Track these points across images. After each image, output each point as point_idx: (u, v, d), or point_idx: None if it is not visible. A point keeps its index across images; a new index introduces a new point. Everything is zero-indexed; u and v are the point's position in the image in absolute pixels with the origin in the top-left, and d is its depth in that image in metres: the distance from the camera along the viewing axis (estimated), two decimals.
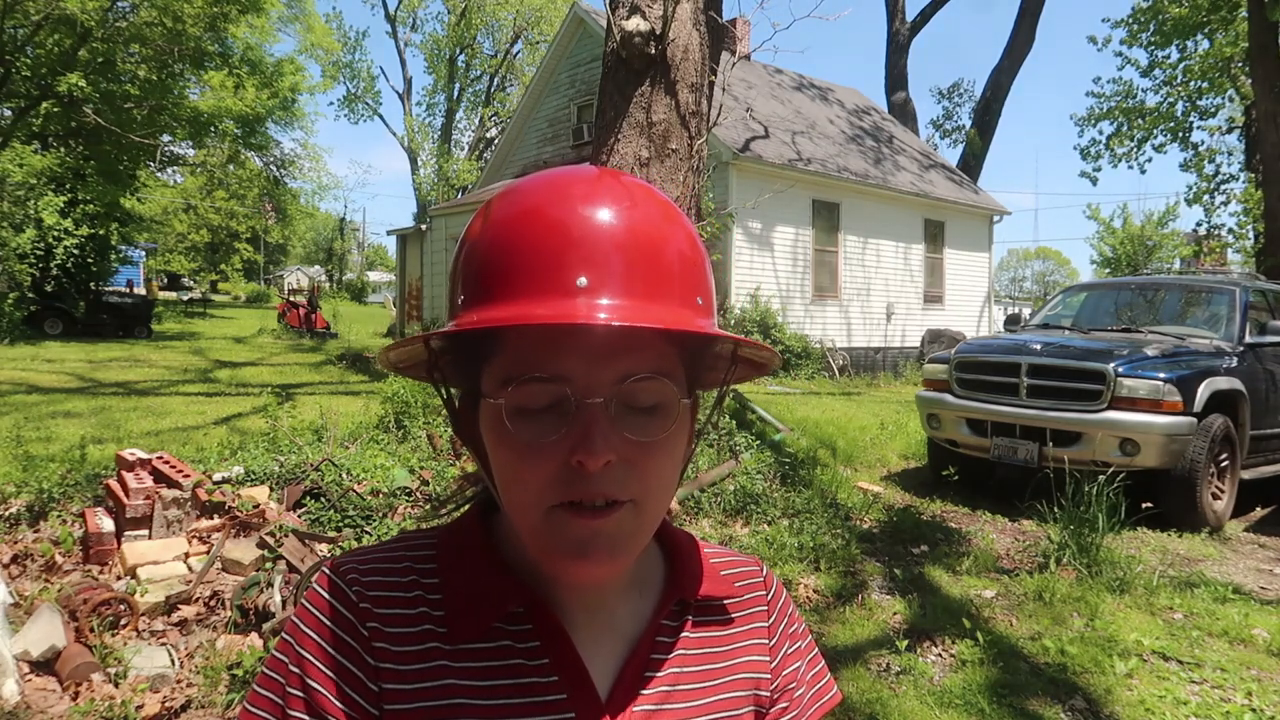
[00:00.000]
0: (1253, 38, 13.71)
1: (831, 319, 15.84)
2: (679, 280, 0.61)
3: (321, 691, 0.62)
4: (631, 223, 0.60)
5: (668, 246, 0.62)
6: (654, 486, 0.63)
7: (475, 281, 0.61)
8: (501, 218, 0.62)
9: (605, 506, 0.60)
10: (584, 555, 0.60)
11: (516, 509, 0.62)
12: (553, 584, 0.68)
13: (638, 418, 0.61)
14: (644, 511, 0.62)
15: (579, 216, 0.59)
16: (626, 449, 0.60)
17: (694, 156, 4.77)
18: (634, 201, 0.62)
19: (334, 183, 55.39)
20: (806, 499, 5.51)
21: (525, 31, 37.28)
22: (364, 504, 4.38)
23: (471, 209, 18.39)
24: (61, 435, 6.40)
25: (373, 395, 7.99)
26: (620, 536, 0.61)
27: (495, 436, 0.62)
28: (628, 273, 0.59)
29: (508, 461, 0.61)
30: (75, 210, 15.98)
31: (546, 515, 0.60)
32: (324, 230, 63.02)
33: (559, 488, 0.59)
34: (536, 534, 0.61)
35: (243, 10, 18.22)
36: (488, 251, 0.61)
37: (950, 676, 3.37)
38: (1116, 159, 23.48)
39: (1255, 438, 6.25)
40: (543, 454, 0.59)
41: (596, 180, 0.63)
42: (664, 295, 0.60)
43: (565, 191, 0.61)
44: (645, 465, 0.61)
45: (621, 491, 0.60)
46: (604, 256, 0.58)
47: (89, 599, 3.22)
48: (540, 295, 0.58)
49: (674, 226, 0.63)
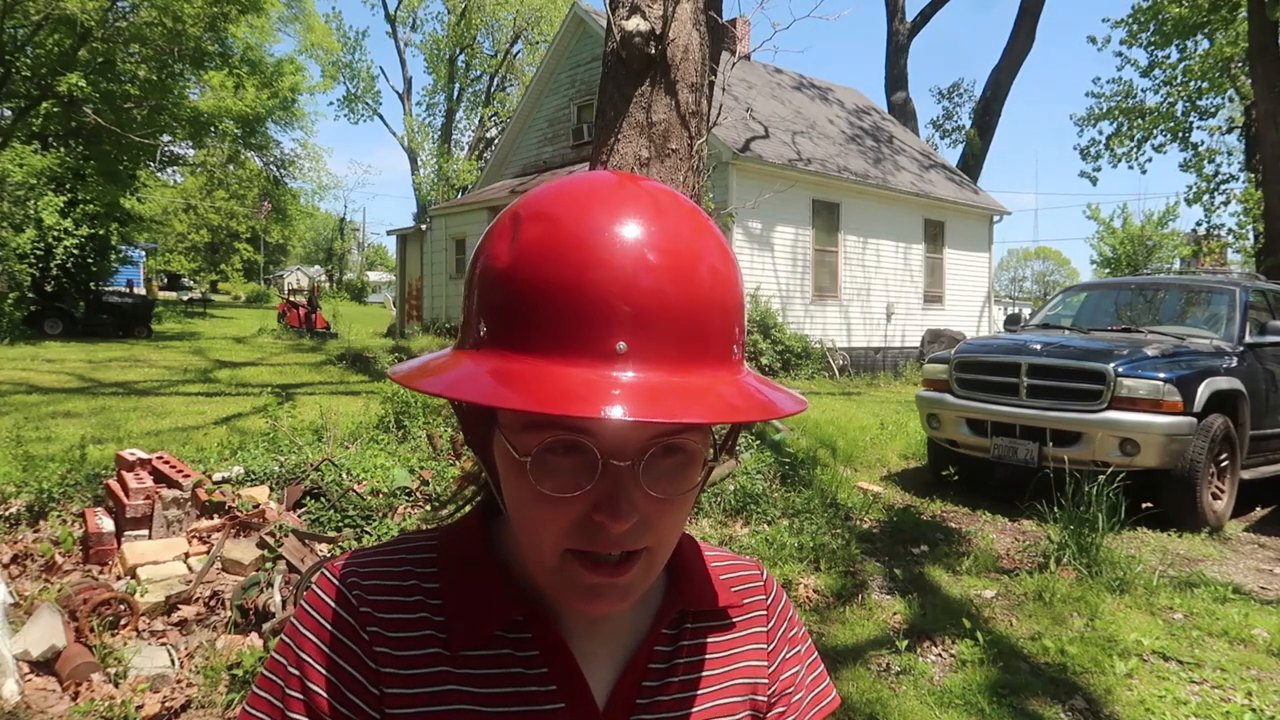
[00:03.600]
0: (1253, 38, 13.71)
1: (831, 319, 15.84)
2: (717, 330, 0.57)
3: (321, 694, 0.62)
4: (683, 259, 0.56)
5: (710, 277, 0.58)
6: (668, 535, 0.62)
7: (499, 316, 0.57)
8: (533, 246, 0.56)
9: (621, 559, 0.59)
10: (594, 600, 0.60)
11: (529, 542, 0.61)
12: (568, 608, 0.67)
13: (662, 474, 0.58)
14: (657, 557, 0.62)
15: (620, 256, 0.54)
16: (648, 506, 0.58)
17: (694, 156, 4.77)
18: (687, 227, 0.58)
19: (334, 183, 55.60)
20: (806, 499, 5.51)
21: (525, 31, 37.29)
22: (364, 504, 4.38)
23: (471, 209, 18.40)
24: (61, 435, 6.40)
25: (373, 395, 7.99)
26: (633, 586, 0.61)
27: (512, 476, 0.60)
28: (668, 334, 0.54)
29: (527, 501, 0.59)
30: (75, 210, 15.97)
31: (561, 558, 0.59)
32: (324, 230, 63.00)
33: (576, 537, 0.58)
34: (548, 572, 0.61)
35: (243, 10, 18.22)
36: (515, 285, 0.56)
37: (950, 676, 3.37)
38: (1116, 159, 23.50)
39: (1255, 438, 6.25)
40: (563, 505, 0.57)
41: (635, 204, 0.58)
42: (703, 357, 0.56)
43: (603, 221, 0.56)
44: (663, 517, 0.60)
45: (638, 543, 0.59)
46: (645, 313, 0.54)
47: (89, 599, 3.22)
48: (570, 355, 0.53)
49: (706, 239, 0.59)
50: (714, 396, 0.55)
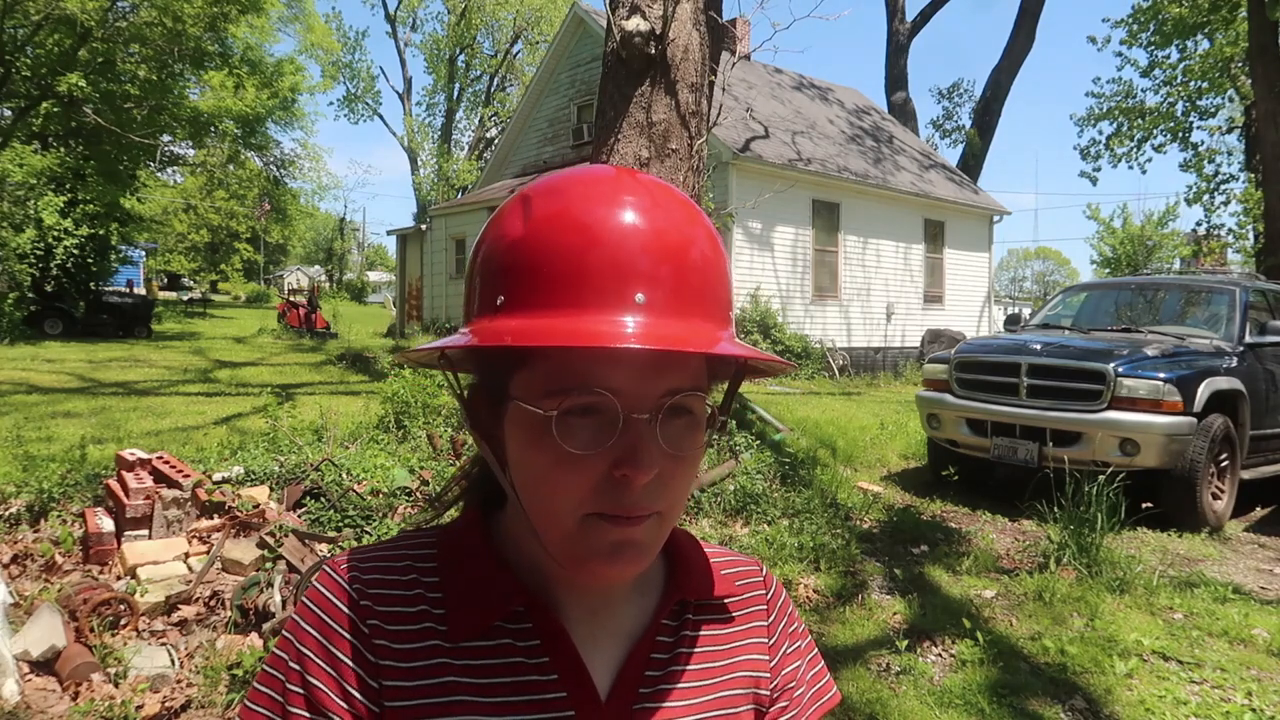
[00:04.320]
0: (1253, 38, 13.71)
1: (831, 319, 15.84)
2: (712, 292, 0.63)
3: (322, 688, 0.63)
4: (681, 236, 0.62)
5: (701, 257, 0.63)
6: (678, 497, 0.64)
7: (518, 283, 0.60)
8: (547, 218, 0.61)
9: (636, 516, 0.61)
10: (616, 559, 0.62)
11: (545, 514, 0.62)
12: (554, 584, 0.68)
13: (675, 431, 0.62)
14: (666, 520, 0.64)
15: (629, 223, 0.60)
16: (664, 462, 0.61)
17: (694, 156, 4.77)
18: (681, 213, 0.64)
19: (334, 183, 55.59)
20: (806, 499, 5.51)
21: (525, 31, 37.29)
22: (364, 504, 4.38)
23: (472, 209, 18.40)
24: (61, 435, 6.40)
25: (373, 395, 7.99)
26: (647, 543, 0.63)
27: (531, 442, 0.62)
28: (677, 289, 0.60)
29: (545, 467, 0.61)
30: (75, 210, 15.96)
31: (582, 522, 0.61)
32: (324, 230, 63.01)
33: (598, 497, 0.60)
34: (568, 539, 0.62)
35: (243, 10, 18.21)
36: (533, 253, 0.60)
37: (950, 676, 3.37)
38: (1116, 159, 23.51)
39: (1255, 438, 6.25)
40: (585, 464, 0.60)
41: (637, 186, 0.64)
42: (705, 311, 0.62)
43: (610, 197, 0.62)
44: (676, 477, 0.63)
45: (653, 504, 0.62)
46: (659, 267, 0.60)
47: (89, 599, 3.22)
48: (599, 309, 0.58)
49: (697, 228, 0.65)
50: (715, 334, 0.62)
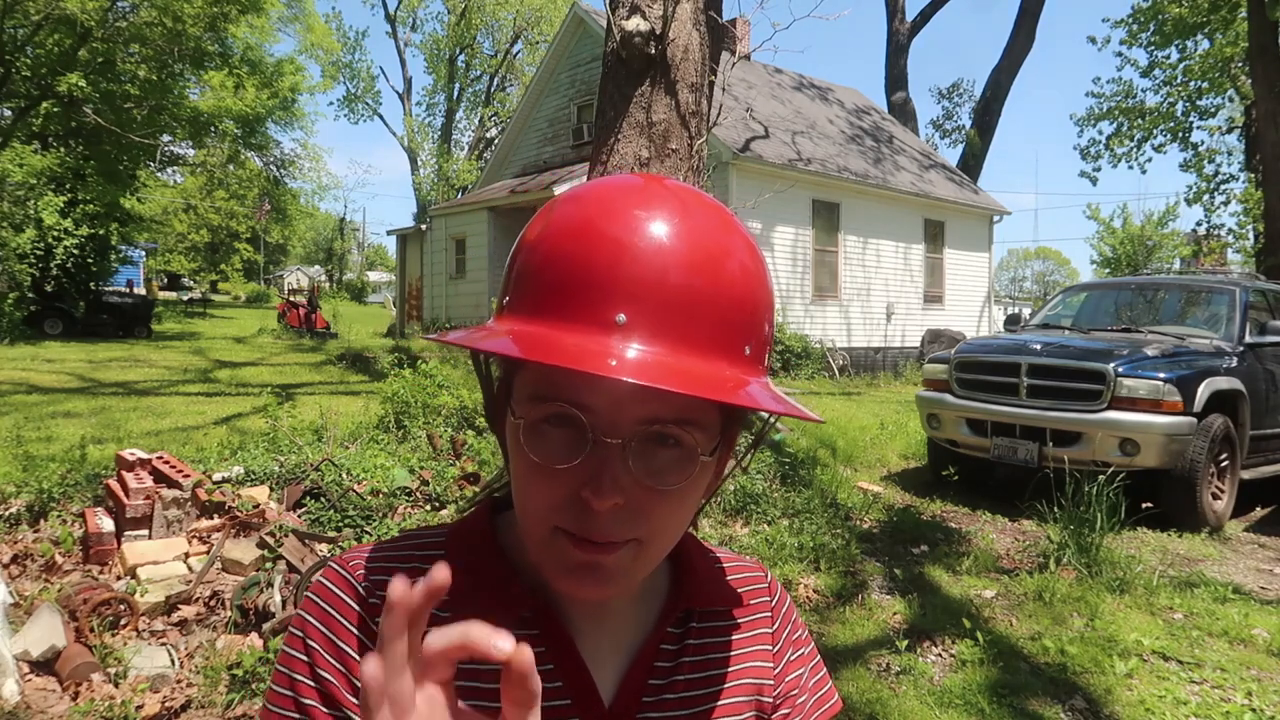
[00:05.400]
0: (1253, 38, 13.71)
1: (831, 319, 15.84)
2: (725, 324, 0.58)
3: (331, 681, 0.63)
4: (703, 255, 0.58)
5: (724, 279, 0.59)
6: (660, 529, 0.61)
7: (522, 287, 0.61)
8: (559, 225, 0.60)
9: (605, 543, 0.59)
10: (581, 580, 0.60)
11: (524, 515, 0.63)
12: (559, 591, 0.68)
13: (656, 462, 0.59)
14: (647, 550, 0.62)
15: (629, 235, 0.57)
16: (637, 492, 0.58)
17: (694, 156, 4.77)
18: (699, 233, 0.59)
19: (334, 183, 55.59)
20: (806, 499, 5.51)
21: (525, 31, 37.28)
22: (364, 504, 4.38)
23: (471, 209, 18.40)
24: (61, 435, 6.39)
25: (373, 395, 7.98)
26: (617, 571, 0.61)
27: (515, 444, 0.62)
28: (668, 315, 0.56)
29: (522, 473, 0.61)
30: (75, 210, 15.94)
31: (550, 533, 0.60)
32: (324, 230, 63.00)
33: (564, 514, 0.59)
34: (538, 546, 0.62)
35: (243, 10, 18.20)
36: (539, 258, 0.60)
37: (950, 676, 3.37)
38: (1116, 159, 23.51)
39: (1255, 438, 6.25)
40: (556, 477, 0.58)
41: (655, 196, 0.60)
42: (705, 343, 0.57)
43: (624, 207, 0.59)
44: (654, 510, 0.60)
45: (624, 533, 0.59)
46: (649, 292, 0.56)
47: (89, 599, 3.22)
48: (575, 323, 0.56)
49: (727, 254, 0.60)
50: (707, 373, 0.56)
